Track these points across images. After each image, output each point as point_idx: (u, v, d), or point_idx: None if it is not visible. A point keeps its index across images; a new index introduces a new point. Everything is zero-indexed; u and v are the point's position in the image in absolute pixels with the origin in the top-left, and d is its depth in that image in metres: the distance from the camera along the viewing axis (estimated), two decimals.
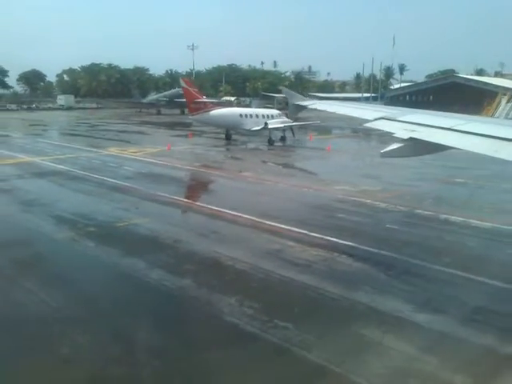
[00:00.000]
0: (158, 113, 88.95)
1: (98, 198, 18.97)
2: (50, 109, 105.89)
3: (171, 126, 60.46)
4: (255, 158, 32.37)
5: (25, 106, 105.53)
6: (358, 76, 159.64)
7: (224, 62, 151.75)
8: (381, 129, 9.44)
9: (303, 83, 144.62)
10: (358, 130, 50.43)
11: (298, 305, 9.61)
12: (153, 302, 9.73)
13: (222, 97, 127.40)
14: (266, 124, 39.02)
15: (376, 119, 9.74)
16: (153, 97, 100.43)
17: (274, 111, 43.90)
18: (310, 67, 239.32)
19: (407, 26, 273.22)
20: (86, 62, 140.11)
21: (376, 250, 12.65)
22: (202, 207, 17.55)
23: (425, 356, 7.64)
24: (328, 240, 13.58)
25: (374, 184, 22.27)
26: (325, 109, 22.53)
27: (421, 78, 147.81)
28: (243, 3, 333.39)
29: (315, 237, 13.86)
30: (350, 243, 13.25)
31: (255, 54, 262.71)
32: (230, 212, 16.57)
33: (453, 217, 16.22)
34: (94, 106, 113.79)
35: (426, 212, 16.96)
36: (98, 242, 13.34)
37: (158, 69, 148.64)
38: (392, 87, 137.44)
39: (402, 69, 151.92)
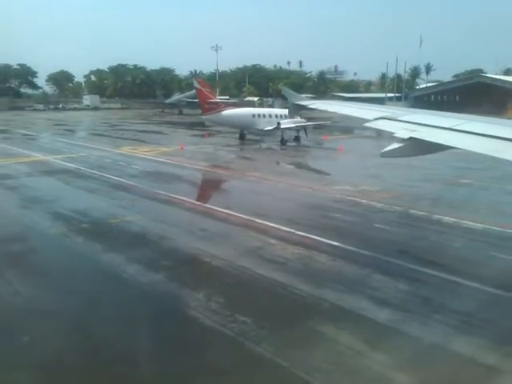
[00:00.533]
0: (180, 113, 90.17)
1: (99, 195, 19.45)
2: (75, 109, 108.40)
3: (190, 125, 61.09)
4: (263, 157, 32.66)
5: (52, 107, 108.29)
6: (383, 76, 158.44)
7: (250, 63, 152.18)
8: (381, 128, 9.48)
9: (326, 83, 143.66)
10: (372, 131, 50.01)
11: (262, 301, 9.77)
12: (120, 295, 10.06)
13: (246, 97, 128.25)
14: (278, 124, 39.15)
15: (376, 119, 9.80)
16: (175, 97, 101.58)
17: (285, 112, 43.87)
18: (335, 67, 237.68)
19: (435, 25, 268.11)
20: (114, 63, 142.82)
21: (355, 249, 12.69)
22: (196, 205, 17.86)
23: (372, 353, 7.70)
24: (312, 238, 13.69)
25: (376, 184, 22.18)
26: (325, 109, 22.50)
27: (448, 78, 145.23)
28: (270, 3, 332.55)
29: (300, 235, 13.99)
30: (332, 242, 13.31)
31: (282, 54, 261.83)
32: (223, 210, 16.82)
33: (446, 217, 16.08)
34: (119, 106, 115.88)
35: (420, 212, 16.84)
36: (87, 237, 13.76)
37: (183, 69, 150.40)
38: (418, 87, 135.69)
39: (428, 68, 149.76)
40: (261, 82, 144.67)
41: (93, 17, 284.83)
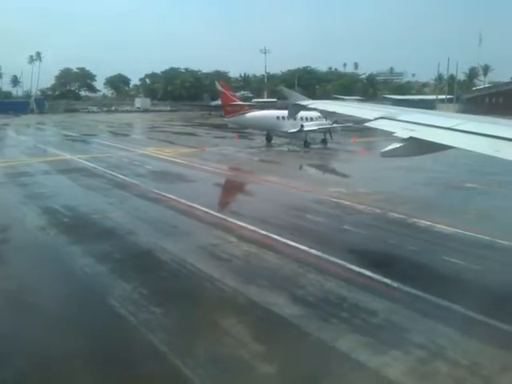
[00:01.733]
0: (222, 115, 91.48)
1: (97, 192, 20.58)
2: (127, 111, 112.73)
3: (226, 128, 62.08)
4: (276, 159, 33.00)
5: (105, 109, 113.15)
6: (439, 77, 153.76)
7: (303, 65, 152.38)
8: (381, 128, 9.60)
9: (375, 85, 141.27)
10: None
11: (183, 294, 10.23)
12: (54, 283, 10.88)
13: None
14: (302, 126, 39.30)
15: (376, 118, 9.89)
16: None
17: (315, 114, 43.80)
18: (391, 69, 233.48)
19: (497, 23, 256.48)
20: (171, 66, 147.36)
21: (306, 248, 12.88)
22: (181, 203, 18.46)
23: (253, 344, 8.02)
24: (271, 238, 13.97)
25: (375, 186, 22.04)
26: (325, 108, 22.81)
27: (507, 80, 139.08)
28: (327, 6, 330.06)
29: (262, 234, 14.31)
30: (289, 241, 13.53)
31: (338, 56, 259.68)
32: (203, 209, 17.39)
33: (421, 221, 15.88)
34: (168, 108, 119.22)
35: (398, 215, 16.71)
36: (61, 230, 14.79)
37: (236, 72, 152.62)
38: (474, 88, 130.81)
39: (485, 69, 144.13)
40: (311, 84, 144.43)
41: (149, 22, 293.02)
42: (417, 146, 8.25)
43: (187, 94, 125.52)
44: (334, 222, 15.97)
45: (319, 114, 43.32)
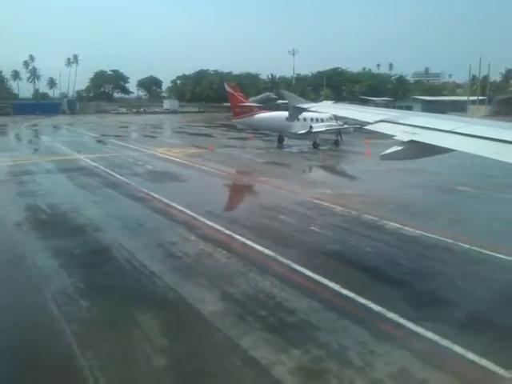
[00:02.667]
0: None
1: (87, 191, 21.17)
2: (155, 112, 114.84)
3: (245, 130, 62.46)
4: (280, 160, 32.98)
5: (134, 110, 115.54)
6: (472, 78, 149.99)
7: (335, 66, 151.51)
8: (381, 131, 9.54)
9: (405, 86, 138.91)
10: None
11: (118, 289, 10.51)
12: (5, 271, 11.43)
13: (321, 101, 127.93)
14: (310, 127, 39.27)
15: (377, 122, 9.89)
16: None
17: (325, 115, 43.58)
18: (427, 69, 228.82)
19: None
20: (201, 68, 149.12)
21: (261, 248, 12.97)
22: (161, 202, 18.80)
23: (154, 338, 8.24)
24: (232, 237, 14.11)
25: (364, 188, 22.05)
26: (325, 111, 22.90)
27: None
28: (364, 7, 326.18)
29: (224, 233, 14.48)
30: (247, 241, 13.59)
31: (372, 56, 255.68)
32: (178, 207, 17.72)
33: (391, 223, 15.73)
34: (196, 110, 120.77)
35: (371, 217, 16.56)
36: (34, 226, 15.41)
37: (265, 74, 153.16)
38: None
39: None
40: (340, 86, 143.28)
41: (180, 24, 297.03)
42: (417, 149, 8.22)
43: (215, 96, 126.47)
44: (303, 223, 15.95)
45: (330, 116, 43.15)
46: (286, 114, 41.70)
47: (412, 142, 8.08)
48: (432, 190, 21.84)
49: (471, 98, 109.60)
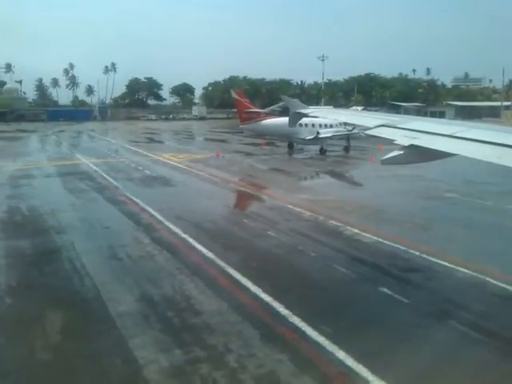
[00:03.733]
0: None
1: (73, 194, 21.90)
2: (184, 119, 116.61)
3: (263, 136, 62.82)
4: (281, 166, 33.05)
5: (163, 117, 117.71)
6: (510, 83, 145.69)
7: (373, 71, 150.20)
8: (381, 136, 9.57)
9: (436, 91, 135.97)
10: None
11: (45, 288, 10.97)
12: None
13: (352, 106, 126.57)
14: (317, 133, 39.17)
15: (377, 126, 9.84)
16: (270, 107, 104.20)
17: (334, 120, 43.37)
18: (466, 74, 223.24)
19: None
20: (231, 75, 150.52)
21: (206, 251, 13.16)
22: (136, 206, 19.22)
23: (53, 337, 8.56)
24: (185, 241, 14.36)
25: (346, 194, 22.23)
26: (325, 116, 23.02)
27: None
28: (399, 9, 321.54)
29: (179, 237, 14.75)
30: (197, 245, 13.79)
31: (411, 61, 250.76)
32: (150, 211, 18.08)
33: (353, 229, 15.66)
34: (225, 116, 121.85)
35: (335, 223, 16.50)
36: (3, 228, 16.09)
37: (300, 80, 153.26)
38: None
39: None
40: (372, 91, 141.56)
41: (213, 31, 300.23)
42: (417, 154, 8.22)
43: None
44: (263, 228, 15.98)
45: (340, 121, 42.92)
46: None
47: (412, 146, 8.07)
48: (416, 197, 21.49)
49: (505, 103, 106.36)
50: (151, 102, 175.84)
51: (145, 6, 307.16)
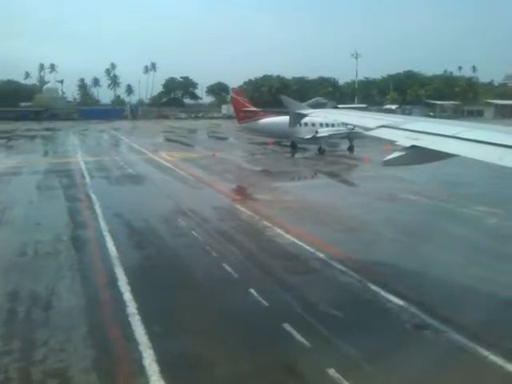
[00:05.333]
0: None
1: (39, 191, 22.75)
2: (212, 118, 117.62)
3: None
4: (268, 166, 32.91)
5: (193, 115, 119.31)
6: None
7: (416, 68, 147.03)
8: (383, 137, 9.50)
9: (475, 89, 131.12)
10: None
11: None
12: None
13: (387, 105, 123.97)
14: (316, 132, 38.75)
15: (378, 127, 9.78)
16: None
17: (337, 120, 42.65)
18: None
19: None
20: (265, 73, 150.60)
21: (113, 249, 13.47)
22: (85, 203, 19.78)
23: None
24: (102, 237, 14.72)
25: (309, 195, 22.01)
26: (325, 116, 22.91)
27: None
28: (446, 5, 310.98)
29: (100, 235, 15.08)
30: (110, 243, 14.11)
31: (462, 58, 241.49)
32: (95, 208, 18.70)
33: (278, 229, 15.63)
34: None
35: (266, 222, 16.43)
36: None
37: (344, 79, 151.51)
38: None
39: None
40: (409, 89, 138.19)
41: (247, 29, 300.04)
42: (419, 155, 8.17)
43: (273, 100, 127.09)
44: (190, 228, 15.91)
45: (342, 121, 42.20)
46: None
47: (414, 147, 8.03)
48: (376, 198, 20.89)
49: None
50: (188, 101, 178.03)
51: (185, 6, 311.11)
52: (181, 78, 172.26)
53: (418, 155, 8.07)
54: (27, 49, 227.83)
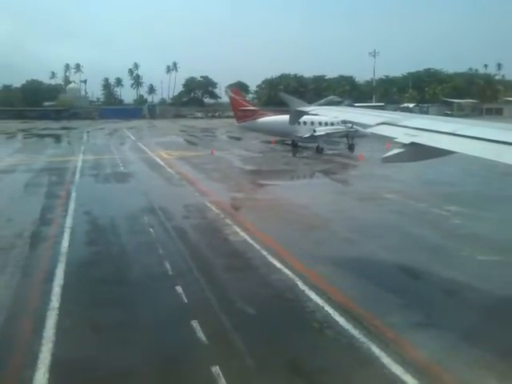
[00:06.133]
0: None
1: (25, 188, 23.44)
2: (229, 116, 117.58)
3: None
4: (258, 165, 33.04)
5: (210, 115, 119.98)
6: None
7: (439, 66, 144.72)
8: (383, 134, 9.59)
9: (493, 87, 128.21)
10: None
11: None
12: None
13: (405, 103, 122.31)
14: (314, 131, 38.64)
15: (378, 124, 9.83)
16: (313, 104, 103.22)
17: (336, 118, 42.38)
18: None
19: None
20: (283, 72, 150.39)
21: (65, 243, 14.00)
22: (64, 199, 20.32)
23: None
24: (57, 231, 15.23)
25: (284, 194, 22.22)
26: (326, 114, 23.19)
27: None
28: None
29: (60, 227, 15.62)
30: (66, 235, 14.84)
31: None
32: (72, 206, 19.06)
33: (236, 227, 15.81)
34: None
35: (228, 221, 16.59)
36: None
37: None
38: None
39: None
40: (428, 87, 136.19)
41: (266, 29, 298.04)
42: (418, 152, 8.22)
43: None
44: (151, 225, 16.10)
45: (342, 119, 41.90)
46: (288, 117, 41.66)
47: (413, 144, 8.11)
48: (350, 198, 20.88)
49: None
50: (208, 100, 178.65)
51: (208, 6, 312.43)
52: (201, 77, 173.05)
53: (417, 152, 8.12)
54: (53, 49, 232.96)
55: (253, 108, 42.58)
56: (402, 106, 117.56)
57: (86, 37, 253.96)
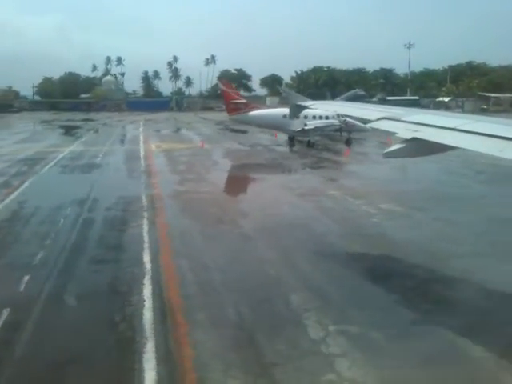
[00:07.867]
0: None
1: None
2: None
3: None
4: (242, 159, 32.98)
5: None
6: None
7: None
8: (383, 129, 9.59)
9: None
10: None
11: None
12: None
13: (442, 97, 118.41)
14: (305, 125, 37.99)
15: (378, 119, 9.81)
16: (338, 98, 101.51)
17: (332, 113, 41.46)
18: None
19: None
20: (315, 65, 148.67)
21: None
22: (19, 189, 20.91)
23: None
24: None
25: (237, 189, 21.94)
26: (326, 109, 23.09)
27: None
28: None
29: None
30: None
31: None
32: (17, 194, 19.76)
33: (148, 219, 15.85)
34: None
35: (144, 213, 16.63)
36: None
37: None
38: None
39: None
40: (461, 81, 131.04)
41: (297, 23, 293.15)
42: (420, 147, 8.23)
43: (317, 93, 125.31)
44: (67, 215, 16.18)
45: (339, 113, 41.02)
46: (283, 110, 41.01)
47: (414, 139, 8.08)
48: (294, 194, 19.92)
49: None
50: (242, 92, 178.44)
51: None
52: (234, 69, 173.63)
53: (419, 147, 8.09)
54: (96, 42, 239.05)
55: (244, 101, 42.20)
56: (438, 100, 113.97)
57: (129, 30, 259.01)
